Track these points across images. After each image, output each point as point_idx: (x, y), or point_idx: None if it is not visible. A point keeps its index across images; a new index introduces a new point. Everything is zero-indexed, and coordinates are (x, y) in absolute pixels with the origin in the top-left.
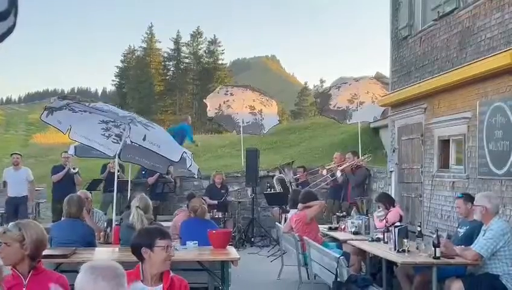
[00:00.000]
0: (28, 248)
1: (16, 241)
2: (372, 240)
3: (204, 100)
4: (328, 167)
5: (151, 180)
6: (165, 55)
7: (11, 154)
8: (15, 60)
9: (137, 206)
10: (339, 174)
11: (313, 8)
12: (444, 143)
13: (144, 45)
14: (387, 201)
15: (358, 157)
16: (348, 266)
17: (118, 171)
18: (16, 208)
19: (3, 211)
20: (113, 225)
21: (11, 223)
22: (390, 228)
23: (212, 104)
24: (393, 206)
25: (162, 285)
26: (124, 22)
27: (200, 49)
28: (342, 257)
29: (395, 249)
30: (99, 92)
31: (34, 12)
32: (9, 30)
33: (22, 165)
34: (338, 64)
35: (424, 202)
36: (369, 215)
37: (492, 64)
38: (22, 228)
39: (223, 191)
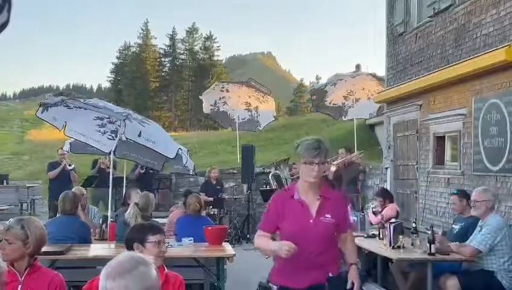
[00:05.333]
0: (31, 247)
1: (19, 240)
2: (367, 237)
3: (200, 97)
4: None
5: (132, 176)
6: (161, 51)
7: None
8: (9, 56)
9: (135, 203)
10: (333, 169)
11: (309, 4)
12: (439, 140)
13: (140, 41)
14: (387, 196)
15: (351, 153)
16: (343, 262)
17: (108, 167)
18: None
19: None
20: (109, 221)
21: (13, 220)
22: (385, 225)
23: (208, 100)
24: (392, 202)
25: None
26: (120, 18)
27: (195, 46)
28: None
29: (390, 246)
30: (95, 88)
31: (28, 8)
32: (3, 26)
33: None
34: (334, 61)
35: (419, 198)
36: (364, 211)
37: (488, 61)
38: (26, 226)
39: (218, 187)
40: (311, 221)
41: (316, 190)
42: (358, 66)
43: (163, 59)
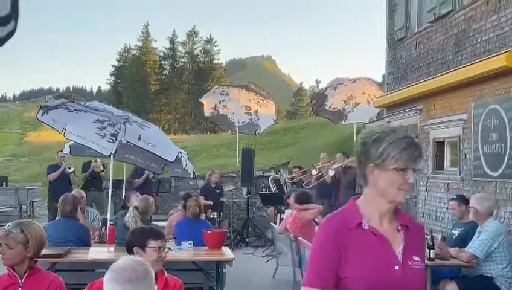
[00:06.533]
0: (31, 250)
1: (20, 244)
2: None
3: (200, 100)
4: (318, 167)
5: (138, 182)
6: (161, 54)
7: None
8: (9, 57)
9: (135, 207)
10: (331, 173)
11: (310, 8)
12: (439, 145)
13: (140, 44)
14: None
15: (348, 158)
16: None
17: (103, 171)
18: None
19: None
20: (108, 224)
21: (11, 224)
22: None
23: (208, 103)
24: None
25: (156, 285)
26: (120, 21)
27: (195, 49)
28: None
29: None
30: (95, 90)
31: (28, 10)
32: (10, 34)
33: None
34: (334, 65)
35: (418, 203)
36: None
37: (488, 67)
38: (25, 230)
39: (218, 191)
40: (396, 267)
41: (391, 215)
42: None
43: (163, 62)
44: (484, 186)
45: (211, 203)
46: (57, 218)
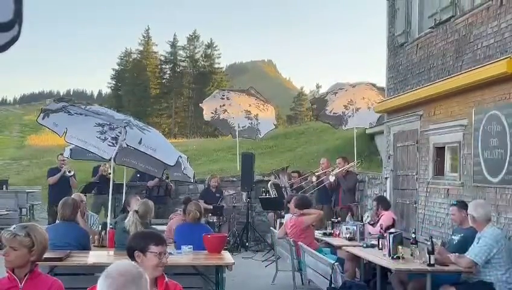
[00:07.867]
0: (35, 255)
1: (25, 247)
2: (367, 246)
3: (200, 104)
4: (317, 174)
5: (151, 183)
6: (162, 58)
7: None
8: (10, 61)
9: (135, 211)
10: (332, 178)
11: (311, 13)
12: (439, 150)
13: (141, 48)
14: (384, 203)
15: (348, 163)
16: (343, 272)
17: (110, 173)
18: None
19: None
20: (108, 228)
21: (17, 226)
22: (384, 235)
23: (208, 107)
24: (387, 210)
25: None
26: (121, 24)
27: (196, 53)
28: (337, 262)
29: (389, 256)
30: (95, 94)
31: (29, 13)
32: (13, 39)
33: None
34: (334, 70)
35: (418, 208)
36: (363, 221)
37: (489, 73)
38: (31, 234)
39: (218, 195)
40: None
41: None
42: None
43: (164, 66)
44: (484, 192)
45: (211, 207)
46: (57, 221)
